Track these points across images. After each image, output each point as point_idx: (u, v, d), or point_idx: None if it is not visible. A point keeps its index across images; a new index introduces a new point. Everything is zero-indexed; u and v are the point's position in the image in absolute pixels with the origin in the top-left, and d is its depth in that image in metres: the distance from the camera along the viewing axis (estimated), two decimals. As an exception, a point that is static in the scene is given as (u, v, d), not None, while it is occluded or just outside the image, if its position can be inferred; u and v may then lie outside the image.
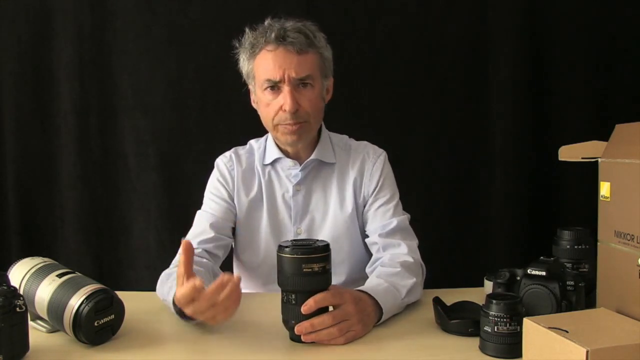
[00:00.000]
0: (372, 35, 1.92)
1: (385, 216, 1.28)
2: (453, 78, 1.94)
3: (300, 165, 1.32)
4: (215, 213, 1.31)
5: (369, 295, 1.01)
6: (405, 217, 1.30)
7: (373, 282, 1.09)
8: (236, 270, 1.43)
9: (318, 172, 1.33)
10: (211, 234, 1.27)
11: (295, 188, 1.31)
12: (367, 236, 1.32)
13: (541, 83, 1.94)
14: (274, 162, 1.33)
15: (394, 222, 1.26)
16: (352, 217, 1.31)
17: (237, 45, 1.31)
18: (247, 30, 1.27)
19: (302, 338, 0.93)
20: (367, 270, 1.24)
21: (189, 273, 0.92)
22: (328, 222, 1.31)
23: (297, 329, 0.92)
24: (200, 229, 1.28)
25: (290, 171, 1.32)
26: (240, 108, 1.87)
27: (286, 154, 1.33)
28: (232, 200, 1.33)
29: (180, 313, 0.98)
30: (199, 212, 1.34)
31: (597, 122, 1.88)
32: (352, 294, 0.98)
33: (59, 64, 1.90)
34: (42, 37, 1.89)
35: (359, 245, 1.33)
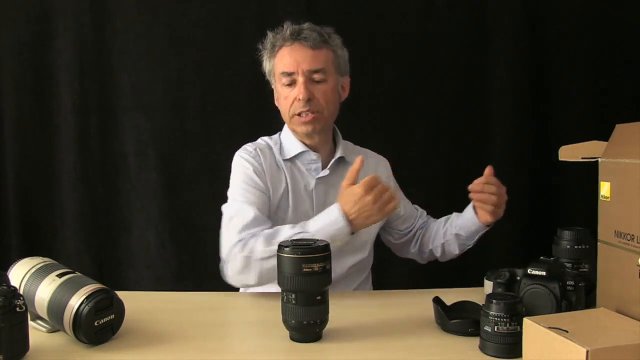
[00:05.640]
0: (372, 36, 1.92)
1: (413, 210, 1.50)
2: (453, 78, 1.94)
3: (322, 159, 1.38)
4: (259, 207, 1.27)
5: None
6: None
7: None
8: None
9: (336, 168, 1.39)
10: (267, 223, 1.25)
11: (318, 181, 1.36)
12: (393, 233, 1.49)
13: (541, 83, 1.95)
14: (294, 157, 1.37)
15: (423, 212, 1.51)
16: None
17: (261, 48, 1.37)
18: (268, 32, 1.35)
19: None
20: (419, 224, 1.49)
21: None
22: None
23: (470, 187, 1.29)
24: (254, 222, 1.23)
25: (311, 165, 1.37)
26: (240, 108, 1.88)
27: (309, 147, 1.37)
28: (268, 191, 1.32)
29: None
30: (241, 204, 1.27)
31: (597, 122, 1.88)
32: None
33: (59, 64, 1.90)
34: (42, 37, 1.89)
35: (370, 241, 1.40)
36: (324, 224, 1.14)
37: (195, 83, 1.91)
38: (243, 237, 1.20)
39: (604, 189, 0.95)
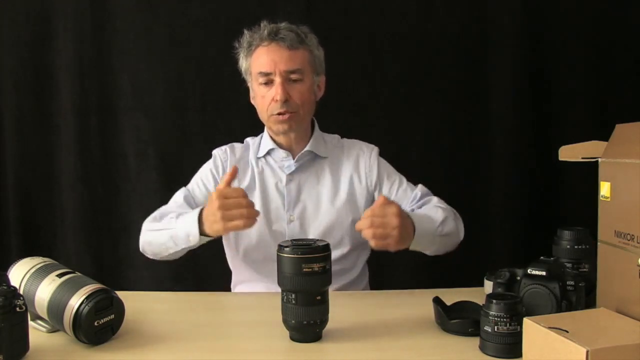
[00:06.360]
0: (372, 35, 1.92)
1: (406, 193, 1.40)
2: (453, 78, 1.94)
3: (293, 156, 1.38)
4: (196, 200, 1.39)
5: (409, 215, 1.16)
6: (421, 185, 1.42)
7: (412, 212, 1.22)
8: (231, 262, 1.45)
9: (311, 164, 1.40)
10: (186, 209, 1.34)
11: (289, 177, 1.37)
12: None
13: (541, 83, 1.95)
14: (267, 154, 1.40)
15: (418, 193, 1.39)
16: (346, 208, 1.37)
17: (237, 45, 1.38)
18: (245, 31, 1.36)
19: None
20: None
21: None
22: (321, 212, 1.37)
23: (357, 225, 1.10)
24: (178, 204, 1.38)
25: (283, 162, 1.38)
26: (240, 108, 1.87)
27: (279, 145, 1.39)
28: None
29: (199, 220, 1.16)
30: (182, 189, 1.41)
31: (597, 122, 1.88)
32: (397, 207, 1.11)
33: (59, 64, 1.90)
34: (42, 37, 1.89)
35: (348, 237, 1.36)
36: (185, 218, 1.21)
37: (195, 83, 1.91)
38: (156, 212, 1.36)
39: (604, 189, 0.95)
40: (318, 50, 1.36)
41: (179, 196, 1.39)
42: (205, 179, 1.41)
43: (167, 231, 1.25)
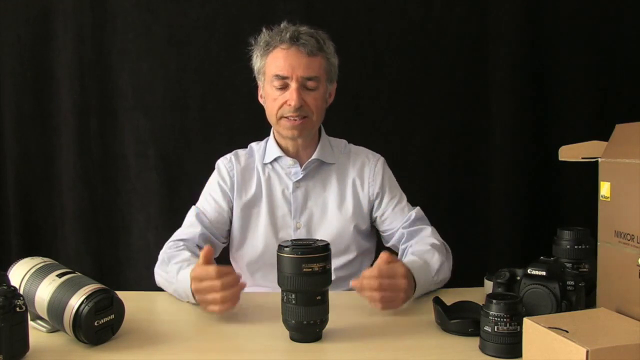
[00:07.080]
0: (372, 36, 1.92)
1: (403, 212, 1.38)
2: (453, 78, 1.94)
3: (300, 164, 1.37)
4: (208, 215, 1.36)
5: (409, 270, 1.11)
6: (418, 208, 1.40)
7: (409, 259, 1.19)
8: (236, 268, 1.43)
9: (318, 171, 1.39)
10: (201, 231, 1.33)
11: (295, 184, 1.37)
12: (382, 237, 1.41)
13: (541, 83, 1.95)
14: (273, 161, 1.38)
15: (412, 214, 1.37)
16: (352, 217, 1.37)
17: (253, 42, 1.36)
18: (263, 29, 1.34)
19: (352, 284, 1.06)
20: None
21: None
22: (327, 219, 1.36)
23: (352, 282, 1.06)
24: (190, 223, 1.35)
25: (290, 169, 1.37)
26: (240, 108, 1.88)
27: (286, 152, 1.37)
28: (229, 204, 1.37)
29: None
30: (193, 208, 1.38)
31: (597, 122, 1.88)
32: (404, 268, 1.08)
33: (59, 64, 1.90)
34: (42, 37, 1.89)
35: (354, 243, 1.37)
36: (183, 276, 1.13)
37: (195, 83, 1.91)
38: (171, 241, 1.32)
39: (604, 189, 0.95)
40: (334, 58, 1.35)
41: (190, 216, 1.36)
42: (214, 193, 1.38)
43: (172, 284, 1.19)
